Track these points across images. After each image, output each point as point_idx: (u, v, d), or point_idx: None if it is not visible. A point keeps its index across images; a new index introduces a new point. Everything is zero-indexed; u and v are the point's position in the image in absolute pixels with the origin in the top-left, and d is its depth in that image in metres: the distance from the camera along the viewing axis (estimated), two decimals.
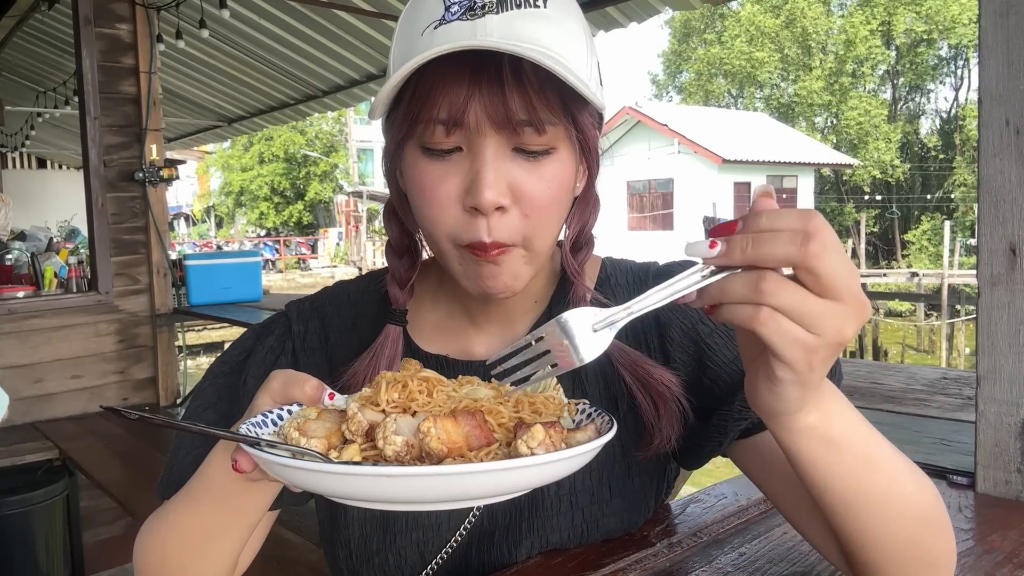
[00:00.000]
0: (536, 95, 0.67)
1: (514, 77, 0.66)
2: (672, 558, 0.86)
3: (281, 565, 0.70)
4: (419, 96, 0.68)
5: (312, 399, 0.65)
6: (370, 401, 0.62)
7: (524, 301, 0.85)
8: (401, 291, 0.82)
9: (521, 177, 0.70)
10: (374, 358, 0.80)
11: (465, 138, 0.69)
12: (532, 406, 0.65)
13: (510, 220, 0.70)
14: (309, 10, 4.52)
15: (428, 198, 0.71)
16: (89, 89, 3.91)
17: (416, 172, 0.72)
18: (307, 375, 0.67)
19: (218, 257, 6.09)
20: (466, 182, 0.69)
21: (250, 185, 28.48)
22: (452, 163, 0.70)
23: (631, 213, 23.60)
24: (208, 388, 0.87)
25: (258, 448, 0.57)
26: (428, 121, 0.68)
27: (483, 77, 0.66)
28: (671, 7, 3.75)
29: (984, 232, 1.07)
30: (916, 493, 0.64)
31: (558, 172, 0.71)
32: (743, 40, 30.07)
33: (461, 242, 0.71)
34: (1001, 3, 1.05)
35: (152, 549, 0.78)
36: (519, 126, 0.67)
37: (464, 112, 0.67)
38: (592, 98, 0.67)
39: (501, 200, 0.68)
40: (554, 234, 0.75)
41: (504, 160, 0.69)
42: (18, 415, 3.78)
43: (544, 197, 0.70)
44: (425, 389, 0.63)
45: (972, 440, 1.11)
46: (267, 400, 0.67)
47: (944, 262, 18.85)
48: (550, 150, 0.70)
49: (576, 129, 0.71)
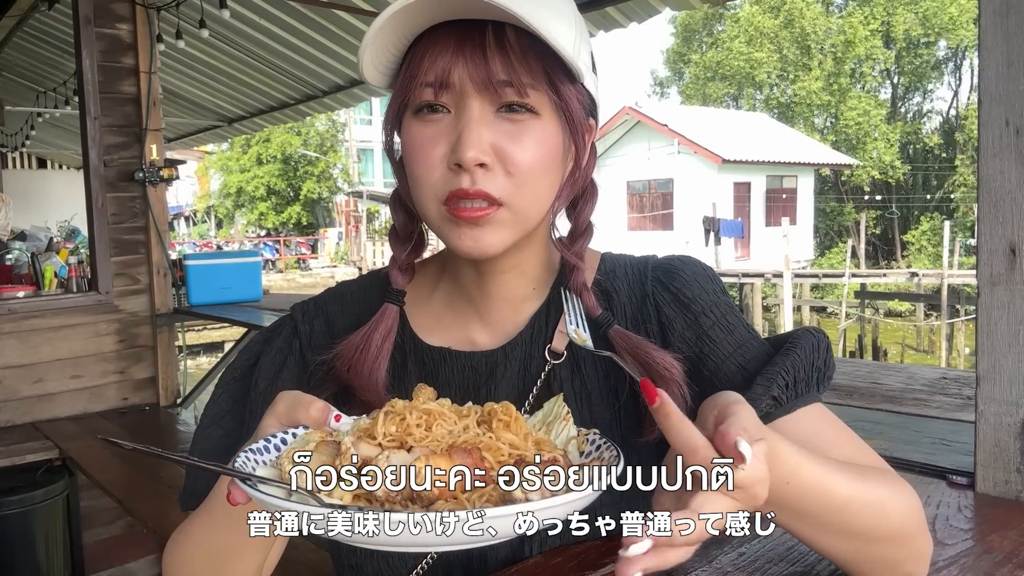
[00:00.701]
0: (517, 59, 0.71)
1: (496, 42, 0.71)
2: None
3: (281, 565, 0.69)
4: (411, 62, 0.74)
5: (318, 422, 0.66)
6: (367, 434, 0.61)
7: (524, 290, 0.86)
8: (401, 274, 0.85)
9: (503, 139, 0.73)
10: (367, 334, 0.82)
11: (452, 100, 0.73)
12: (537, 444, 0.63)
13: (493, 176, 0.73)
14: (309, 10, 4.52)
15: (418, 159, 0.75)
16: (89, 89, 3.91)
17: (409, 137, 0.76)
18: (313, 397, 0.67)
19: (218, 257, 6.11)
20: (452, 142, 0.73)
21: (247, 186, 28.48)
22: (441, 126, 0.74)
23: (631, 213, 23.59)
24: (222, 396, 0.89)
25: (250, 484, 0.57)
26: (418, 86, 0.73)
27: (467, 43, 0.71)
28: (671, 7, 3.75)
29: (984, 232, 1.07)
30: (877, 519, 0.68)
31: (541, 137, 0.74)
32: (742, 40, 30.06)
33: (444, 196, 0.74)
34: (1001, 3, 1.05)
35: (180, 566, 0.81)
36: (500, 87, 0.71)
37: (449, 74, 0.71)
38: (570, 61, 0.71)
39: (482, 157, 0.72)
40: (539, 200, 0.77)
41: (488, 122, 0.73)
42: (18, 415, 3.77)
43: (526, 159, 0.73)
44: (424, 423, 0.62)
45: (972, 440, 1.11)
46: (273, 422, 0.67)
47: (944, 262, 18.85)
48: (533, 114, 0.74)
49: (559, 98, 0.74)
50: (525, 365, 0.85)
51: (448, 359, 0.85)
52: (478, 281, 0.85)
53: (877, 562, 0.72)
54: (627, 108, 22.96)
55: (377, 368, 0.81)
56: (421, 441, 0.60)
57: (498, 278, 0.83)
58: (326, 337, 0.89)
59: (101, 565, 3.61)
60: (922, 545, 0.74)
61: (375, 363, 0.81)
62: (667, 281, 0.86)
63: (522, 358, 0.85)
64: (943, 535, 0.93)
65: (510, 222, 0.75)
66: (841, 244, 25.14)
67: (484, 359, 0.85)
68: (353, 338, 0.82)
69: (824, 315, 21.57)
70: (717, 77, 31.79)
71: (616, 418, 0.84)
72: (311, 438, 0.63)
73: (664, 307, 0.85)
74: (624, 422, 0.83)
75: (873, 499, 0.68)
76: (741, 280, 19.41)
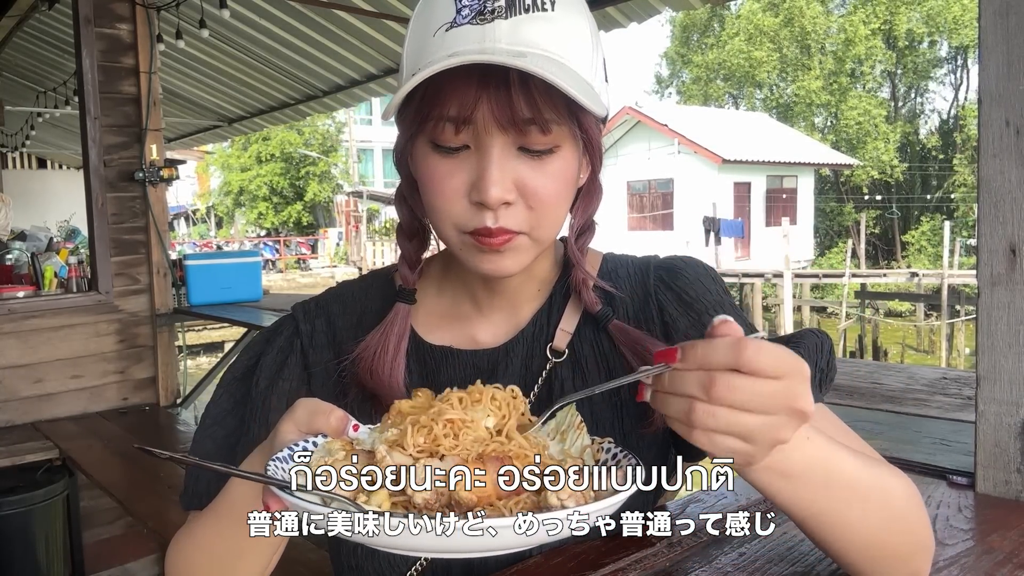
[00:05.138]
0: (541, 97, 0.69)
1: (520, 80, 0.69)
2: (672, 558, 0.86)
3: (281, 564, 0.69)
4: (430, 95, 0.72)
5: (336, 431, 0.66)
6: (396, 444, 0.62)
7: (528, 288, 0.87)
8: (411, 271, 0.85)
9: (526, 174, 0.72)
10: (384, 334, 0.82)
11: (473, 136, 0.72)
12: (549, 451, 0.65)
13: (515, 211, 0.73)
14: (309, 10, 4.52)
15: (437, 191, 0.74)
16: (89, 89, 3.91)
17: (425, 166, 0.75)
18: (332, 406, 0.68)
19: (218, 257, 6.10)
20: (472, 178, 0.72)
21: (249, 185, 28.46)
22: (460, 160, 0.73)
23: (631, 213, 23.59)
24: (224, 396, 0.89)
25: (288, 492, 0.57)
26: (438, 119, 0.71)
27: (491, 80, 0.69)
28: (671, 7, 3.75)
29: (984, 232, 1.07)
30: (879, 502, 0.69)
31: (562, 169, 0.74)
32: (742, 39, 30.04)
33: (466, 229, 0.74)
34: (1001, 3, 1.04)
35: (184, 568, 0.81)
36: (524, 125, 0.70)
37: (472, 112, 0.70)
38: (595, 108, 0.71)
39: (506, 196, 0.71)
40: (558, 224, 0.77)
41: (509, 158, 0.72)
42: (18, 415, 3.77)
43: (548, 193, 0.73)
44: (451, 432, 0.63)
45: (972, 440, 1.11)
46: (291, 428, 0.68)
47: (944, 262, 18.84)
48: (554, 149, 0.73)
49: (580, 129, 0.74)
50: (527, 363, 0.85)
51: (450, 357, 0.86)
52: (484, 282, 0.85)
53: (888, 557, 0.71)
54: (627, 108, 22.96)
55: (396, 369, 0.81)
56: (451, 450, 0.61)
57: (507, 280, 0.84)
58: (327, 337, 0.89)
59: (101, 565, 3.61)
60: (927, 540, 0.74)
61: (393, 364, 0.81)
62: (670, 281, 0.86)
63: (524, 356, 0.85)
64: (943, 535, 0.93)
65: (530, 247, 0.76)
66: (841, 244, 25.11)
67: (486, 357, 0.85)
68: (369, 340, 0.82)
69: (824, 315, 21.56)
70: (718, 76, 31.79)
71: (618, 416, 0.84)
72: (332, 447, 0.64)
73: (667, 307, 0.85)
74: (626, 421, 0.83)
75: (879, 484, 0.69)
76: (741, 280, 19.40)
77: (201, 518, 0.80)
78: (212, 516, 0.78)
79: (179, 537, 0.82)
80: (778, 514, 0.85)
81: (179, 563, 0.81)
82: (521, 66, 0.66)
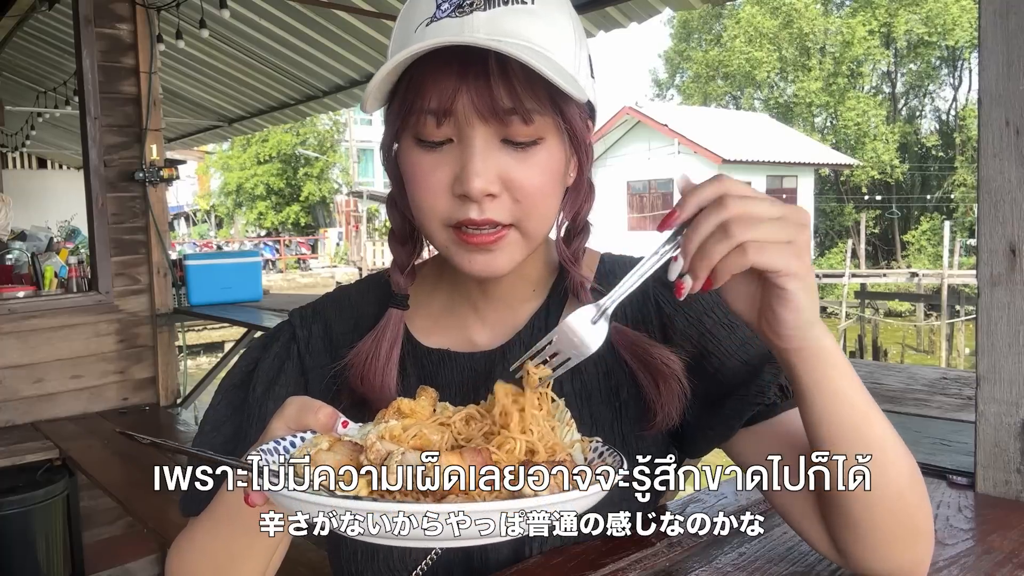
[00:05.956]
0: (522, 86, 0.69)
1: (500, 69, 0.69)
2: (672, 558, 0.86)
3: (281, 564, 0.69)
4: (411, 89, 0.71)
5: (325, 427, 0.67)
6: (389, 435, 0.63)
7: (522, 289, 0.87)
8: (403, 277, 0.84)
9: (510, 166, 0.72)
10: (376, 340, 0.82)
11: (455, 129, 0.71)
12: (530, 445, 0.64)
13: (501, 203, 0.72)
14: (309, 10, 4.52)
15: (421, 185, 0.74)
16: (89, 89, 3.91)
17: (409, 162, 0.74)
18: (321, 403, 0.68)
19: (218, 257, 6.10)
20: (456, 171, 0.71)
21: (247, 184, 28.45)
22: (443, 153, 0.72)
23: (631, 213, 23.58)
24: (222, 402, 0.89)
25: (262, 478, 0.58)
26: (420, 112, 0.71)
27: (470, 70, 0.69)
28: (671, 7, 3.75)
29: (984, 232, 1.07)
30: (903, 455, 0.69)
31: (547, 161, 0.73)
32: (742, 40, 30.04)
33: (451, 223, 0.73)
34: (1001, 3, 1.04)
35: (183, 572, 0.81)
36: (506, 115, 0.69)
37: (453, 102, 0.69)
38: (575, 93, 0.69)
39: (490, 188, 0.71)
40: (548, 219, 0.77)
41: (493, 150, 0.71)
42: (18, 415, 3.77)
43: (533, 184, 0.73)
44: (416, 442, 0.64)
45: (972, 440, 1.11)
46: (281, 426, 0.68)
47: (944, 262, 18.85)
48: (538, 140, 0.72)
49: (564, 120, 0.73)
50: None
51: (447, 360, 0.85)
52: (479, 284, 0.85)
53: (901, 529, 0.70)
54: (627, 108, 22.96)
55: (388, 375, 0.81)
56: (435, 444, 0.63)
57: (500, 281, 0.83)
58: (324, 342, 0.89)
59: (101, 565, 3.62)
60: (930, 527, 0.73)
61: (385, 370, 0.81)
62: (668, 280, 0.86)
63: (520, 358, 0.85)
64: (943, 535, 0.93)
65: (520, 243, 0.75)
66: (841, 244, 25.11)
67: (483, 359, 0.85)
68: (362, 346, 0.82)
69: (824, 315, 21.48)
70: (718, 76, 31.78)
71: (617, 418, 0.84)
72: (319, 442, 0.64)
73: (665, 306, 0.85)
74: (625, 422, 0.83)
75: (888, 428, 0.69)
76: None
77: (200, 522, 0.80)
78: (210, 521, 0.78)
79: (179, 541, 0.82)
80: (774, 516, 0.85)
81: (179, 567, 0.81)
82: (497, 48, 0.65)
